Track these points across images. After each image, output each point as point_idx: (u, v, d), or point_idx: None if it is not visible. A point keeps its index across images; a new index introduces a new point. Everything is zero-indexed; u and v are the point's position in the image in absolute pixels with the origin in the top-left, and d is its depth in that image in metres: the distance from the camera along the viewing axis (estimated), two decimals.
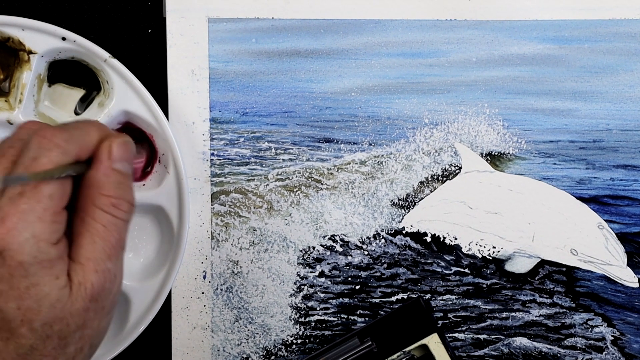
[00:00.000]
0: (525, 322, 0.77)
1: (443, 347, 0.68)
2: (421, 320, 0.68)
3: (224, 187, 0.76)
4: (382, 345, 0.68)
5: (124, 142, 0.59)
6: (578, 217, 0.76)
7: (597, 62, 0.76)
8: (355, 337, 0.68)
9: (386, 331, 0.68)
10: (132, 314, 0.73)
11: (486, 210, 0.77)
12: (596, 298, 0.77)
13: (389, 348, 0.68)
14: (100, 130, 0.59)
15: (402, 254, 0.77)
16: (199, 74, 0.75)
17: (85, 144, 0.57)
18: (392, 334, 0.68)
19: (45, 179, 0.53)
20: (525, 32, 0.76)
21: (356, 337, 0.68)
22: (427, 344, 0.68)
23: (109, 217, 0.57)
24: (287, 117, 0.76)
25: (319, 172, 0.77)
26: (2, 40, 0.72)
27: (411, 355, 0.68)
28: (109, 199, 0.57)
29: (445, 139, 0.77)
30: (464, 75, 0.76)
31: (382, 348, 0.68)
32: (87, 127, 0.58)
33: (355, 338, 0.68)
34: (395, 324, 0.68)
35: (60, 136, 0.55)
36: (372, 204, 0.77)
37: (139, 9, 0.76)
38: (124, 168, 0.58)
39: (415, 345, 0.68)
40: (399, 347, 0.68)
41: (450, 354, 0.68)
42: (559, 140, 0.76)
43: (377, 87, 0.76)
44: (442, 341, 0.68)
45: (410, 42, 0.76)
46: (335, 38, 0.76)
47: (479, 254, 0.77)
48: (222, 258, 0.76)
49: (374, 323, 0.68)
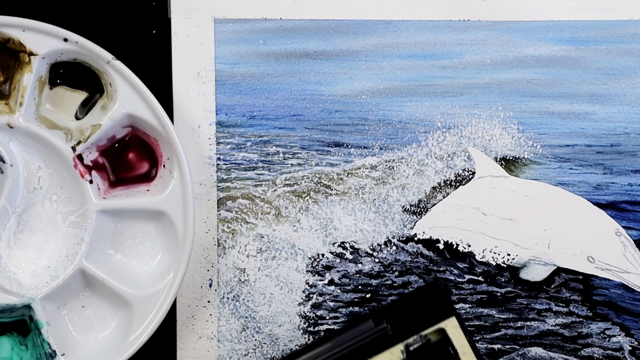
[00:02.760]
0: (541, 332, 0.77)
1: (461, 332, 0.66)
2: (438, 303, 0.67)
3: (231, 192, 0.76)
4: (397, 328, 0.67)
5: None
6: (595, 224, 0.76)
7: (615, 64, 0.76)
8: (370, 319, 0.67)
9: (402, 314, 0.67)
10: (136, 323, 0.73)
11: (500, 216, 0.76)
12: (614, 307, 0.77)
13: (405, 331, 0.67)
14: None
15: (414, 262, 0.77)
16: (205, 76, 0.75)
17: None
18: (408, 317, 0.67)
19: None
20: (540, 33, 0.76)
21: (370, 320, 0.67)
22: (445, 327, 0.66)
23: None
24: (296, 121, 0.76)
25: (328, 177, 0.76)
26: (3, 41, 0.72)
27: (428, 339, 0.67)
28: None
29: (459, 143, 0.77)
30: (477, 77, 0.76)
31: (397, 331, 0.67)
32: None
33: (370, 320, 0.67)
34: (411, 306, 0.67)
35: None
36: (383, 210, 0.77)
37: (143, 9, 0.76)
38: None
39: (432, 329, 0.67)
40: (415, 331, 0.67)
41: (468, 339, 0.66)
42: (575, 144, 0.76)
43: (388, 90, 0.76)
44: (461, 325, 0.66)
45: (422, 43, 0.76)
46: (345, 39, 0.76)
47: (493, 262, 0.77)
48: (229, 265, 0.76)
49: (389, 305, 0.67)
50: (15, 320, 0.73)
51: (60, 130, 0.73)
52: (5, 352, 0.73)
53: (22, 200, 0.73)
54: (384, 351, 0.66)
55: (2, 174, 0.72)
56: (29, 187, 0.74)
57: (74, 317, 0.74)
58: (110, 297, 0.73)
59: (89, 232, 0.73)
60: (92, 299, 0.74)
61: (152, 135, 0.73)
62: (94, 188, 0.73)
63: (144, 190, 0.74)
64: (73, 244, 0.74)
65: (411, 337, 0.66)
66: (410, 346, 0.66)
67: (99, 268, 0.72)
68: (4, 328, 0.73)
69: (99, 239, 0.73)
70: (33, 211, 0.74)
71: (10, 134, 0.72)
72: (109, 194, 0.74)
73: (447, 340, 0.66)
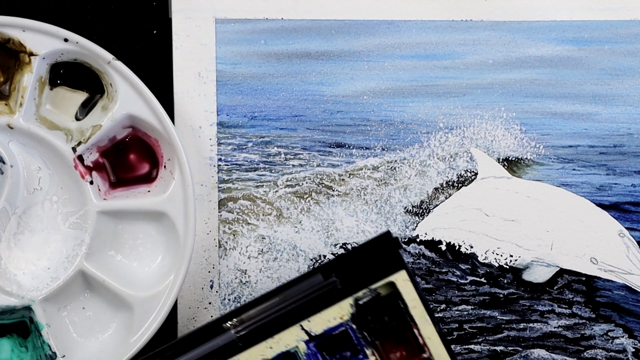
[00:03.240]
0: (544, 334, 0.76)
1: (411, 285, 0.65)
2: (388, 257, 0.65)
3: (232, 193, 0.76)
4: (347, 282, 0.65)
5: None
6: (598, 225, 0.76)
7: (618, 64, 0.76)
8: (319, 273, 0.66)
9: (351, 267, 0.65)
10: (137, 324, 0.72)
11: (503, 217, 0.76)
12: (617, 308, 0.76)
13: (354, 285, 0.65)
14: None
15: (416, 263, 0.77)
16: (206, 77, 0.75)
17: None
18: (358, 271, 0.65)
19: None
20: (543, 33, 0.76)
21: (319, 274, 0.66)
22: (395, 281, 0.65)
23: None
24: (297, 121, 0.76)
25: (330, 178, 0.76)
26: (2, 41, 0.71)
27: (377, 293, 0.65)
28: None
29: (461, 143, 0.76)
30: (480, 77, 0.76)
31: (346, 285, 0.65)
32: None
33: (319, 274, 0.65)
34: (361, 260, 0.65)
35: None
36: (385, 211, 0.76)
37: (143, 9, 0.76)
38: None
39: (381, 282, 0.65)
40: (365, 284, 0.65)
41: (418, 292, 0.65)
42: (578, 145, 0.76)
43: (390, 90, 0.76)
44: (411, 278, 0.65)
45: (424, 43, 0.76)
46: (347, 39, 0.76)
47: (496, 263, 0.77)
48: (230, 267, 0.76)
49: (338, 258, 0.65)
50: (15, 321, 0.73)
51: (61, 131, 0.72)
52: (6, 354, 0.73)
53: (22, 201, 0.73)
54: (333, 305, 0.65)
55: (2, 175, 0.72)
56: (29, 188, 0.73)
57: (74, 318, 0.74)
58: (111, 299, 0.73)
59: (89, 233, 0.72)
60: (93, 300, 0.74)
61: (152, 135, 0.73)
62: (95, 189, 0.73)
63: (145, 191, 0.74)
64: (73, 245, 0.73)
65: (360, 291, 0.65)
66: (360, 300, 0.65)
67: (99, 269, 0.72)
68: (4, 330, 0.73)
69: (99, 240, 0.73)
70: (33, 212, 0.74)
71: (10, 134, 0.72)
72: (109, 195, 0.73)
73: (397, 293, 0.65)
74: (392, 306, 0.65)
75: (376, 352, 0.65)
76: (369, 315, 0.65)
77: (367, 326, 0.65)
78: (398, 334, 0.65)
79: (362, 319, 0.65)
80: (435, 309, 0.76)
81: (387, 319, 0.65)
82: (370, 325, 0.65)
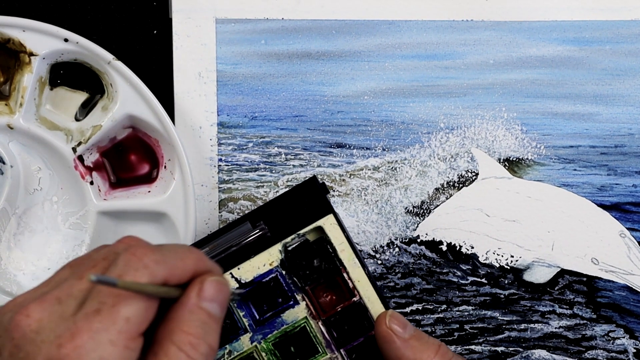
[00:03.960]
0: (545, 334, 0.76)
1: (339, 229, 0.65)
2: (315, 202, 0.65)
3: (232, 193, 0.76)
4: (275, 228, 0.65)
5: (218, 282, 0.55)
6: (599, 225, 0.76)
7: (619, 65, 0.76)
8: (247, 221, 0.66)
9: (279, 214, 0.65)
10: None
11: (504, 218, 0.76)
12: (618, 309, 0.76)
13: (283, 231, 0.65)
14: (198, 260, 0.55)
15: (416, 264, 0.76)
16: (206, 77, 0.75)
17: (176, 270, 0.54)
18: (286, 217, 0.65)
19: (133, 290, 0.51)
20: (544, 33, 0.75)
21: (248, 222, 0.66)
22: (323, 225, 0.65)
23: (183, 357, 0.52)
24: (298, 122, 0.76)
25: (330, 178, 0.76)
26: (3, 41, 0.71)
27: (305, 238, 0.65)
28: (187, 337, 0.52)
29: (462, 144, 0.76)
30: (481, 78, 0.76)
31: (275, 231, 0.65)
32: (184, 253, 0.55)
33: (247, 222, 0.66)
34: (288, 206, 0.66)
35: (150, 256, 0.52)
36: (385, 211, 0.76)
37: (144, 9, 0.75)
38: (212, 309, 0.54)
39: (309, 227, 0.65)
40: (293, 230, 0.65)
41: (346, 235, 0.65)
42: (579, 145, 0.76)
43: (390, 90, 0.75)
44: (338, 222, 0.65)
45: (425, 43, 0.76)
46: (348, 39, 0.75)
47: (497, 264, 0.76)
48: None
49: (266, 205, 0.66)
50: None
51: (61, 131, 0.72)
52: None
53: (22, 202, 0.73)
54: (263, 252, 0.65)
55: (2, 175, 0.72)
56: (29, 189, 0.73)
57: None
58: None
59: (89, 233, 0.72)
60: None
61: (153, 136, 0.73)
62: (95, 189, 0.73)
63: (145, 191, 0.73)
64: (74, 245, 0.73)
65: (289, 237, 0.65)
66: (289, 245, 0.65)
67: None
68: None
69: (99, 241, 0.73)
70: (33, 212, 0.74)
71: (10, 135, 0.72)
72: (109, 195, 0.73)
73: (325, 238, 0.65)
74: (321, 251, 0.65)
75: (307, 298, 0.65)
76: (298, 261, 0.65)
77: (297, 272, 0.65)
78: (328, 278, 0.66)
79: (291, 265, 0.65)
80: (436, 309, 0.76)
81: (316, 263, 0.65)
82: (300, 271, 0.65)
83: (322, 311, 0.65)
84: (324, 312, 0.65)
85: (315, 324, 0.65)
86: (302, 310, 0.65)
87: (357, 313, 0.65)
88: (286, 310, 0.65)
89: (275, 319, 0.66)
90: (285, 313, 0.65)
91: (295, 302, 0.65)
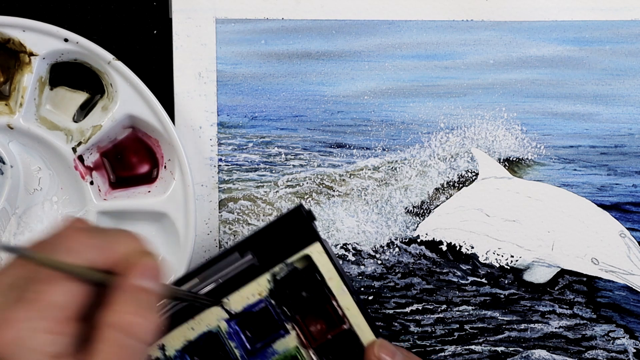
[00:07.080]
0: (545, 334, 0.76)
1: (326, 257, 0.64)
2: (302, 230, 0.65)
3: (232, 193, 0.76)
4: (263, 258, 0.65)
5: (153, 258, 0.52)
6: (599, 225, 0.76)
7: (619, 65, 0.76)
8: (235, 251, 0.65)
9: (267, 243, 0.65)
10: None
11: (504, 218, 0.76)
12: (618, 309, 0.76)
13: (270, 260, 0.65)
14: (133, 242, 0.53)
15: (416, 264, 0.76)
16: (206, 77, 0.75)
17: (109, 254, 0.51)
18: (273, 246, 0.65)
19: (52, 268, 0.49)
20: (544, 33, 0.75)
21: (236, 252, 0.65)
22: (310, 254, 0.65)
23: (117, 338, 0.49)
24: (298, 122, 0.75)
25: (330, 178, 0.76)
26: (3, 41, 0.71)
27: (294, 267, 0.65)
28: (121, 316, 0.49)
29: (462, 144, 0.76)
30: (481, 78, 0.76)
31: (263, 261, 0.65)
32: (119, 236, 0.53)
33: (236, 252, 0.65)
34: (275, 235, 0.65)
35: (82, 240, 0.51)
36: (385, 211, 0.76)
37: (144, 10, 0.75)
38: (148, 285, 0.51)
39: (297, 256, 0.65)
40: (281, 259, 0.65)
41: (334, 263, 0.64)
42: (579, 145, 0.76)
43: (391, 90, 0.75)
44: (325, 250, 0.64)
45: (425, 43, 0.76)
46: (348, 39, 0.75)
47: (497, 264, 0.76)
48: None
49: (253, 235, 0.65)
50: None
51: (61, 131, 0.72)
52: None
53: (22, 202, 0.73)
54: (251, 282, 0.64)
55: (2, 175, 0.72)
56: (29, 189, 0.73)
57: None
58: None
59: None
60: None
61: (153, 136, 0.73)
62: (95, 189, 0.73)
63: (145, 191, 0.73)
64: None
65: (277, 266, 0.64)
66: (277, 275, 0.64)
67: None
68: None
69: None
70: (33, 212, 0.74)
71: (10, 135, 0.72)
72: (109, 195, 0.73)
73: (313, 266, 0.65)
74: (309, 279, 0.65)
75: (297, 327, 0.65)
76: (287, 290, 0.65)
77: (286, 301, 0.65)
78: (317, 307, 0.65)
79: (280, 294, 0.65)
80: (436, 309, 0.76)
81: (305, 292, 0.65)
82: (289, 300, 0.65)
83: (312, 339, 0.65)
84: (314, 340, 0.65)
85: (306, 352, 0.65)
86: (293, 340, 0.65)
87: (348, 340, 0.64)
88: (277, 340, 0.65)
89: (267, 349, 0.65)
90: (276, 343, 0.65)
91: (285, 332, 0.65)
